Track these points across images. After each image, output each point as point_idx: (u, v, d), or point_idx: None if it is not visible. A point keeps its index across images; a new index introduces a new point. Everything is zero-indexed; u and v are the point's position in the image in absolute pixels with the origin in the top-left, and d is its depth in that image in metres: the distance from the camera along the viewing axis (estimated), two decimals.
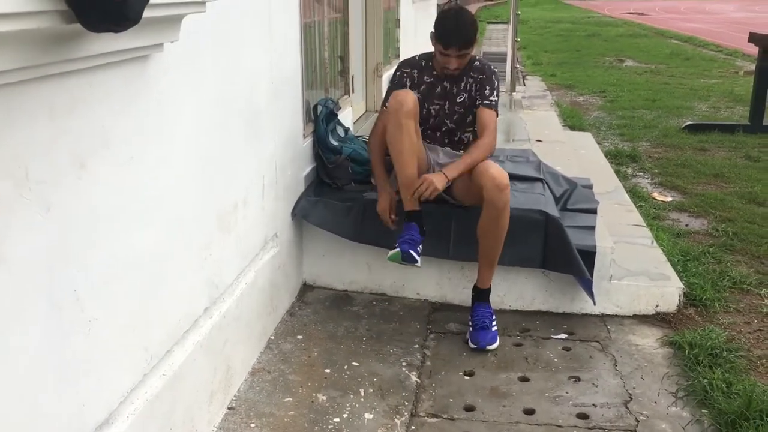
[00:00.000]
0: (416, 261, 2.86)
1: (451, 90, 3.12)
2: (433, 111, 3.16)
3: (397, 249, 2.85)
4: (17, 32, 1.19)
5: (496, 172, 2.82)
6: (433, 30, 3.02)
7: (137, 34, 1.52)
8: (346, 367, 2.76)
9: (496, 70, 3.16)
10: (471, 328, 2.91)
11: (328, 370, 2.73)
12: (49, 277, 1.46)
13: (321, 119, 3.49)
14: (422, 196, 2.87)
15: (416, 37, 7.62)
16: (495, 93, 3.07)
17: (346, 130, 3.73)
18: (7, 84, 1.27)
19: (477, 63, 3.13)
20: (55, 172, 1.45)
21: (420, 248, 2.92)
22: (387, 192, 3.09)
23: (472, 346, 2.84)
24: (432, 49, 3.08)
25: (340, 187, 3.48)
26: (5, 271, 1.33)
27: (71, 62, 1.43)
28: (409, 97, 2.89)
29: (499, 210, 2.79)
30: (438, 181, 2.86)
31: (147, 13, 1.39)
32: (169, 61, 1.88)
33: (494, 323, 2.92)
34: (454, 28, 2.93)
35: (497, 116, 3.08)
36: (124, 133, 1.71)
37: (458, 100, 3.12)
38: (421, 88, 3.09)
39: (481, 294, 2.98)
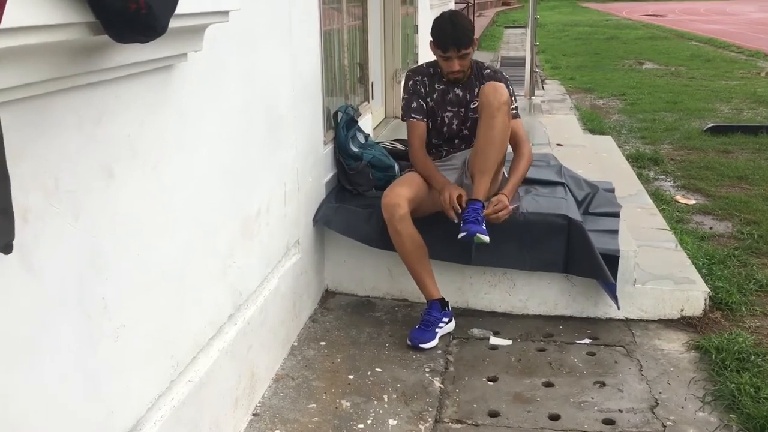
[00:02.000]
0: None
1: (464, 96, 3.13)
2: (446, 118, 3.16)
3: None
4: (47, 44, 1.21)
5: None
6: (431, 38, 3.04)
7: (162, 45, 1.54)
8: (369, 373, 2.76)
9: (508, 76, 3.17)
10: (462, 223, 2.85)
11: (351, 376, 2.73)
12: (79, 285, 1.48)
13: (341, 126, 3.50)
14: (500, 219, 2.91)
15: None
16: (513, 99, 3.08)
17: (366, 136, 3.75)
18: (37, 95, 1.30)
19: (488, 71, 3.14)
20: (84, 182, 1.47)
21: (441, 325, 3.01)
22: (449, 184, 3.00)
23: (460, 236, 2.81)
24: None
25: (361, 193, 3.49)
26: (36, 281, 1.35)
27: (99, 73, 1.45)
28: (401, 199, 2.90)
29: (493, 111, 2.85)
30: (504, 203, 2.93)
31: (172, 24, 1.41)
32: (193, 70, 1.90)
33: (484, 221, 2.85)
34: (451, 30, 2.96)
35: (519, 120, 3.11)
36: (150, 142, 1.73)
37: (472, 107, 3.13)
38: (434, 96, 3.10)
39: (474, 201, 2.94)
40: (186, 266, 1.96)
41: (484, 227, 2.84)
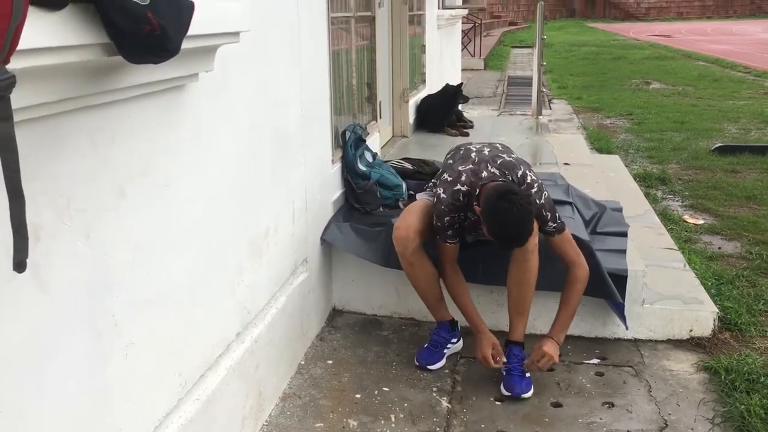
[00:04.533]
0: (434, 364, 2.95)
1: None
2: (473, 236, 3.01)
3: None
4: (62, 65, 1.23)
5: None
6: (483, 219, 2.58)
7: (174, 65, 1.56)
8: (376, 392, 2.76)
9: (542, 198, 2.76)
10: (504, 373, 2.81)
11: (358, 395, 2.73)
12: (90, 302, 1.49)
13: (349, 145, 3.52)
14: (540, 369, 2.79)
15: (441, 61, 7.69)
16: (552, 218, 2.78)
17: (374, 155, 3.77)
18: (51, 115, 1.32)
19: None
20: (95, 200, 1.49)
21: (449, 345, 3.01)
22: (483, 332, 2.85)
23: (506, 393, 2.74)
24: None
25: (369, 212, 3.50)
26: (48, 299, 1.36)
27: (112, 93, 1.47)
28: (412, 232, 2.82)
29: (526, 254, 2.70)
30: (554, 351, 2.75)
31: (184, 45, 1.43)
32: (204, 89, 1.93)
33: (527, 371, 2.80)
34: (516, 235, 2.54)
35: (565, 233, 2.82)
36: (161, 161, 1.75)
37: None
38: (466, 223, 2.89)
39: (514, 344, 2.86)
40: (195, 284, 1.97)
41: (528, 376, 2.79)
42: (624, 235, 3.55)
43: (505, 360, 2.82)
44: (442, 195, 2.78)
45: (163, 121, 1.76)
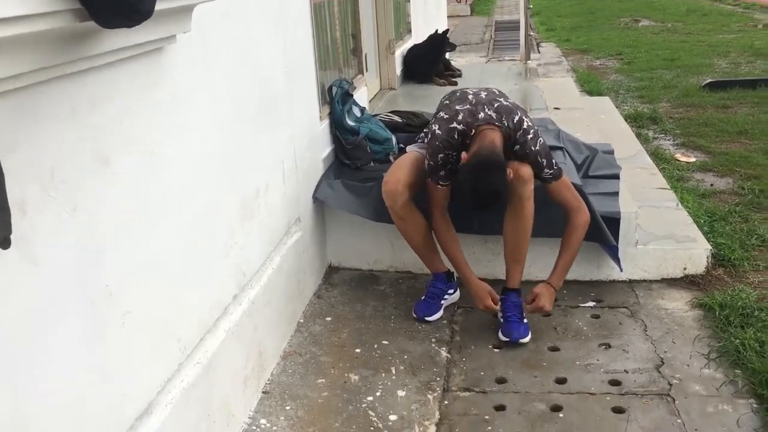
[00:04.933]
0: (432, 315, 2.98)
1: None
2: None
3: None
4: (33, 34, 1.20)
5: (519, 164, 2.71)
6: (461, 174, 2.61)
7: (150, 28, 1.53)
8: (376, 346, 2.78)
9: (538, 144, 2.75)
10: (501, 320, 2.85)
11: (358, 350, 2.76)
12: (82, 274, 1.49)
13: (336, 100, 3.49)
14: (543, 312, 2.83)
15: (427, 9, 7.56)
16: (548, 164, 2.76)
17: (362, 109, 3.73)
18: (28, 85, 1.29)
19: (518, 146, 2.76)
20: (79, 171, 1.47)
21: (446, 296, 3.04)
22: (474, 281, 2.88)
23: (504, 339, 2.77)
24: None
25: (360, 168, 3.48)
26: (38, 273, 1.35)
27: (88, 60, 1.44)
28: (401, 186, 2.81)
29: (522, 201, 2.69)
30: (549, 299, 2.79)
31: (159, 6, 1.39)
32: (183, 51, 1.89)
33: (525, 316, 2.83)
34: (479, 206, 2.62)
35: (562, 178, 2.80)
36: (144, 127, 1.73)
37: None
38: (457, 167, 2.80)
39: (511, 291, 2.89)
40: (187, 249, 1.97)
41: (525, 321, 2.81)
42: (616, 177, 3.55)
43: (497, 307, 2.85)
44: (437, 131, 2.77)
45: (144, 85, 1.73)
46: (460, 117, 2.74)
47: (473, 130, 2.72)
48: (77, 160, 1.47)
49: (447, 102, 2.91)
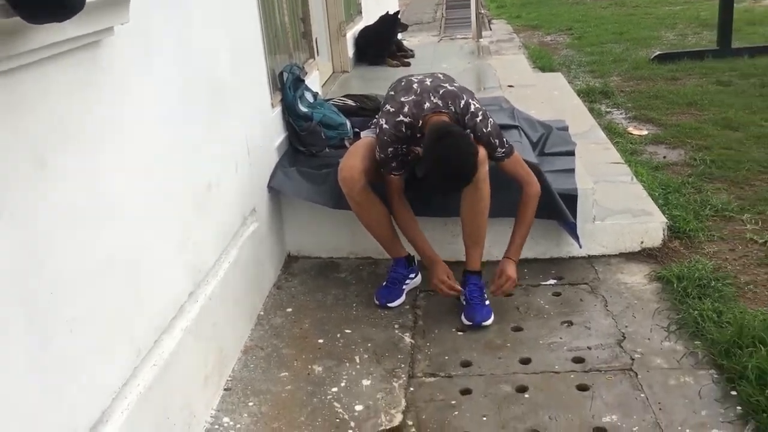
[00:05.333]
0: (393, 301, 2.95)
1: None
2: (419, 171, 2.85)
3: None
4: None
5: None
6: (425, 164, 2.57)
7: (84, 21, 1.45)
8: (339, 335, 2.75)
9: (488, 126, 2.73)
10: (464, 303, 2.83)
11: (321, 341, 2.72)
12: (20, 282, 1.41)
13: (288, 86, 3.41)
14: (505, 292, 2.82)
15: None
16: (500, 143, 2.75)
17: (315, 94, 3.67)
18: None
19: (468, 131, 2.72)
20: (15, 174, 1.39)
21: (408, 281, 3.01)
22: (437, 261, 2.88)
23: (467, 323, 2.76)
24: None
25: (315, 154, 3.43)
26: None
27: (17, 57, 1.36)
28: (356, 172, 2.76)
29: (478, 183, 2.65)
30: (513, 270, 2.80)
31: None
32: (122, 44, 1.81)
33: (487, 298, 2.83)
34: (457, 178, 2.56)
35: (514, 155, 2.80)
36: (83, 126, 1.65)
37: None
38: (409, 157, 2.83)
39: (472, 274, 2.87)
40: (137, 249, 1.90)
41: (488, 303, 2.80)
42: (571, 153, 3.56)
43: (460, 288, 2.84)
44: (384, 125, 2.73)
45: (82, 81, 1.65)
46: (405, 109, 2.71)
47: (420, 121, 2.69)
48: (12, 162, 1.39)
49: (392, 93, 2.86)
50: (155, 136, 2.05)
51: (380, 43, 6.00)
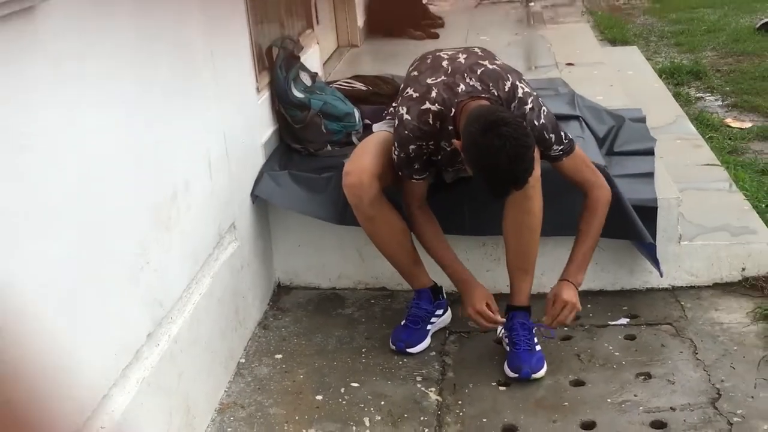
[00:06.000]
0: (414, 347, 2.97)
1: None
2: (450, 172, 3.01)
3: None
4: None
5: None
6: (467, 159, 2.57)
7: None
8: (343, 390, 2.76)
9: (542, 116, 2.75)
10: (507, 348, 2.84)
11: (319, 397, 2.73)
12: None
13: (279, 66, 3.45)
14: (562, 322, 2.82)
15: None
16: (557, 139, 2.77)
17: (314, 76, 3.71)
18: None
19: None
20: None
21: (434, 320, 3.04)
22: (472, 283, 2.89)
23: (512, 375, 2.76)
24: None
25: (313, 153, 3.47)
26: None
27: None
28: (368, 176, 2.78)
29: (527, 193, 2.65)
30: (572, 294, 2.78)
31: None
32: (64, 10, 1.84)
33: (537, 342, 2.82)
34: (512, 179, 2.51)
35: (575, 152, 2.81)
36: (13, 113, 1.68)
37: None
38: (440, 155, 2.84)
39: (517, 310, 2.87)
40: (78, 277, 1.92)
41: (539, 349, 2.80)
42: (650, 153, 3.58)
43: (502, 319, 2.84)
44: (406, 116, 2.74)
45: (12, 58, 1.68)
46: (433, 94, 2.72)
47: (453, 110, 2.69)
48: None
49: (415, 73, 2.87)
50: (105, 128, 2.08)
51: (400, 8, 6.04)
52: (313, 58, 4.25)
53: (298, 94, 3.47)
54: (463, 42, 5.50)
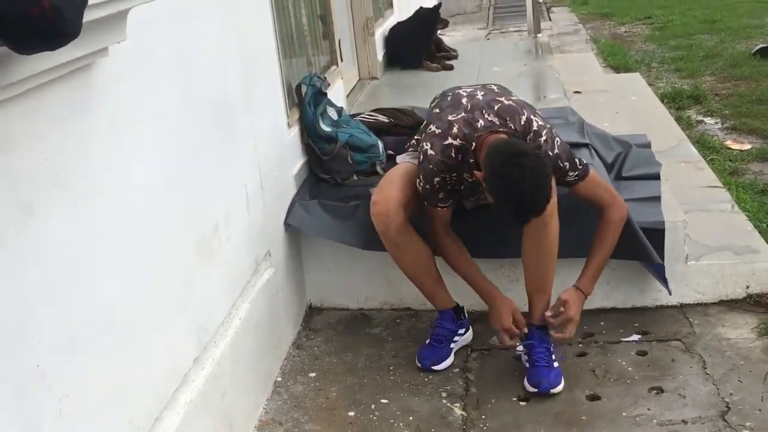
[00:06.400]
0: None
1: None
2: (471, 201, 3.04)
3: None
4: None
5: None
6: (489, 189, 2.60)
7: (76, 44, 1.51)
8: (373, 406, 2.78)
9: (555, 147, 2.79)
10: (527, 365, 2.87)
11: (352, 413, 2.75)
12: (7, 351, 1.47)
13: (307, 102, 3.49)
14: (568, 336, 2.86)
15: None
16: (572, 166, 2.81)
17: (339, 110, 3.74)
18: None
19: None
20: None
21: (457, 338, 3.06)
22: (499, 297, 2.92)
23: (531, 390, 2.79)
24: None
25: (341, 183, 3.49)
26: None
27: (3, 90, 1.43)
28: (394, 205, 2.83)
29: (545, 218, 2.67)
30: (578, 307, 2.82)
31: (88, 16, 1.39)
32: (116, 66, 1.89)
33: (555, 359, 2.85)
34: (532, 208, 2.53)
35: (590, 176, 2.86)
36: (74, 165, 1.72)
37: None
38: (463, 185, 2.88)
39: (536, 329, 2.89)
40: (133, 309, 1.96)
41: (557, 366, 2.84)
42: (656, 177, 3.58)
43: (526, 331, 2.87)
44: (430, 151, 2.78)
45: (71, 113, 1.72)
46: (455, 130, 2.75)
47: (473, 143, 2.73)
48: None
49: (437, 110, 2.91)
50: (155, 173, 2.12)
51: (416, 43, 6.07)
52: (338, 92, 4.29)
53: (325, 128, 3.51)
54: (477, 73, 5.54)
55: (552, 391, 2.76)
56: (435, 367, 2.96)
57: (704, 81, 6.88)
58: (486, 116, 2.76)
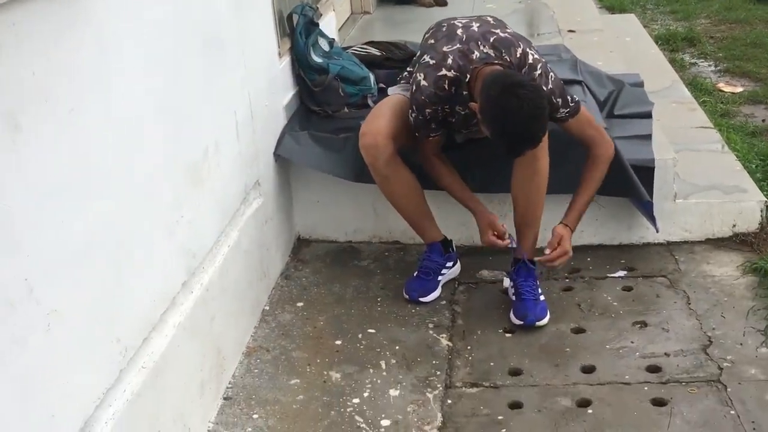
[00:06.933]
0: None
1: None
2: (463, 134, 3.04)
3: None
4: None
5: None
6: (485, 119, 2.57)
7: None
8: (360, 335, 2.81)
9: (550, 81, 2.76)
10: (513, 298, 2.89)
11: (339, 342, 2.78)
12: None
13: (299, 32, 3.45)
14: (558, 265, 2.87)
15: None
16: (564, 102, 2.79)
17: (331, 42, 3.70)
18: None
19: None
20: None
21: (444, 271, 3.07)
22: (479, 212, 2.93)
23: (517, 322, 2.81)
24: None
25: (331, 115, 3.47)
26: None
27: None
28: (383, 137, 2.81)
29: (535, 154, 2.67)
30: (569, 242, 2.84)
31: None
32: None
33: (541, 293, 2.87)
34: (529, 138, 2.53)
35: (580, 113, 2.85)
36: (62, 80, 1.70)
37: None
38: (455, 118, 2.86)
39: (523, 263, 2.90)
40: (121, 230, 1.95)
41: (542, 299, 2.85)
42: (648, 116, 3.57)
43: (509, 241, 2.90)
44: (423, 82, 2.76)
45: (59, 27, 1.69)
46: (449, 61, 2.73)
47: (468, 75, 2.71)
48: None
49: (431, 41, 2.88)
50: (144, 93, 2.10)
51: None
52: (329, 24, 4.24)
53: (317, 59, 3.48)
54: (471, 9, 5.46)
55: (537, 323, 2.79)
56: (422, 299, 2.99)
57: (699, 24, 6.83)
58: (481, 48, 2.73)
